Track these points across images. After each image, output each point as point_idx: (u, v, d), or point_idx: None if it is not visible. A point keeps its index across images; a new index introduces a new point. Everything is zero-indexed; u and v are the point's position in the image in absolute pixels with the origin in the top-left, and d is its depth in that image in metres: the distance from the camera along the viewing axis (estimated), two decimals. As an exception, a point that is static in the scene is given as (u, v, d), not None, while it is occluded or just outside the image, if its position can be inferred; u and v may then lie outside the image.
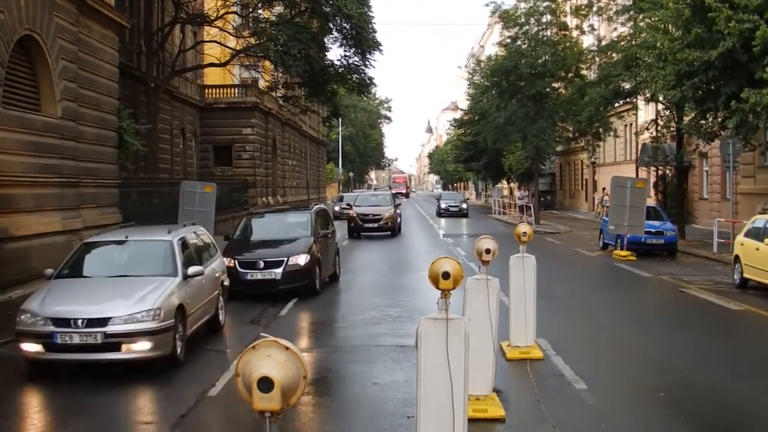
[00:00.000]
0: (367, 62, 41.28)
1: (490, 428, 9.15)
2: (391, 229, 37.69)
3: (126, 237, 13.90)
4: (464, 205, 60.73)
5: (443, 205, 60.31)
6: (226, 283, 15.66)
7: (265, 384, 4.01)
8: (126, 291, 11.96)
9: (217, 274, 14.96)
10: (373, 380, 11.23)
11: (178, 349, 11.91)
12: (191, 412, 9.93)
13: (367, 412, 9.85)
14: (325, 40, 40.90)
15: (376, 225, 37.43)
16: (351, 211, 38.34)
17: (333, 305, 18.60)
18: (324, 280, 20.13)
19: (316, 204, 23.78)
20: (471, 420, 7.49)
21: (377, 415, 9.66)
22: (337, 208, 56.48)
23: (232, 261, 18.11)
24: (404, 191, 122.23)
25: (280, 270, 18.29)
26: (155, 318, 11.35)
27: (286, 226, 20.99)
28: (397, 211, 39.65)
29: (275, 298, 18.12)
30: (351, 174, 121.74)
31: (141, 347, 11.28)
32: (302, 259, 18.55)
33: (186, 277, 12.72)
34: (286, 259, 18.43)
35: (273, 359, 4.08)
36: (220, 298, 14.94)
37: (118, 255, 13.64)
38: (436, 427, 6.49)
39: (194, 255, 13.95)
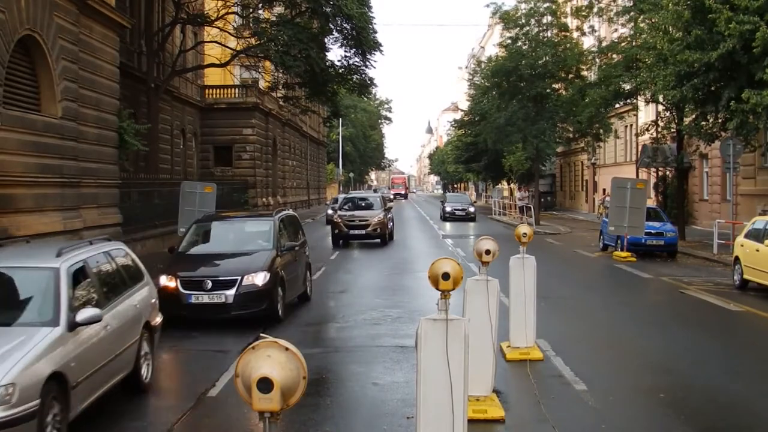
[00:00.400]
0: (367, 63, 41.30)
1: (490, 429, 9.15)
2: (381, 236, 33.84)
3: None
4: (471, 209, 56.22)
5: (448, 209, 55.64)
6: (157, 320, 11.66)
7: (265, 384, 4.02)
8: None
9: (135, 313, 10.70)
10: (372, 381, 11.24)
11: None
12: (191, 412, 9.93)
13: (367, 413, 9.85)
14: (326, 40, 40.91)
15: (363, 231, 33.43)
16: (335, 216, 34.46)
17: (333, 306, 18.60)
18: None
19: (283, 209, 20.07)
20: (471, 421, 7.50)
21: (377, 415, 9.66)
22: (330, 211, 56.17)
23: (174, 279, 15.20)
24: (403, 192, 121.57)
25: (232, 292, 15.03)
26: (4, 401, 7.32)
27: (244, 236, 17.62)
28: (389, 215, 35.78)
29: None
30: (351, 174, 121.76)
31: None
32: (260, 278, 15.26)
33: (73, 326, 8.68)
34: (240, 277, 15.17)
35: (273, 360, 4.08)
36: (144, 344, 10.84)
37: None
38: (435, 427, 6.49)
39: (97, 289, 9.87)
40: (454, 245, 33.56)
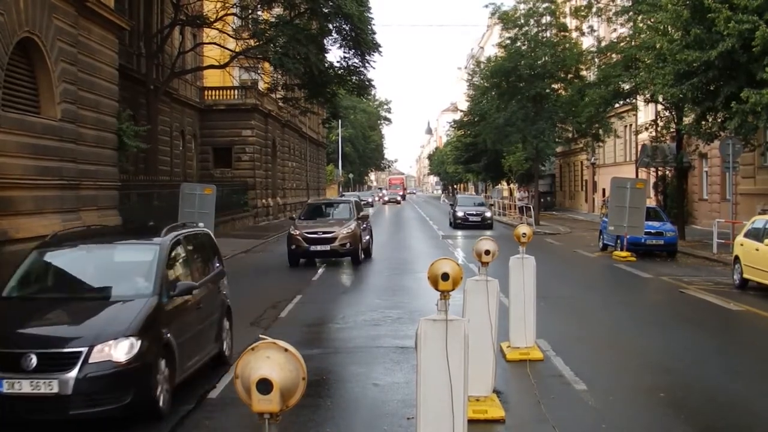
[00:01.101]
0: (366, 64, 41.35)
1: (490, 429, 9.15)
2: (352, 253, 26.11)
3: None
4: (488, 213, 47.57)
5: (460, 213, 46.27)
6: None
7: (264, 386, 4.01)
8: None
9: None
10: (373, 381, 11.24)
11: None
12: (191, 414, 9.93)
13: (367, 414, 9.85)
14: (325, 41, 40.95)
15: (327, 248, 25.62)
16: (294, 231, 26.15)
17: (333, 306, 18.59)
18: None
19: (186, 224, 13.15)
20: (471, 421, 7.50)
21: (377, 416, 9.67)
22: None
23: None
24: (401, 193, 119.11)
25: (70, 375, 8.73)
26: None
27: (109, 272, 10.99)
28: (364, 225, 27.68)
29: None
30: (351, 175, 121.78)
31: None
32: (122, 351, 8.95)
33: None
34: (86, 349, 8.86)
35: (272, 361, 4.08)
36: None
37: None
38: (435, 428, 6.49)
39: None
40: (453, 246, 33.57)
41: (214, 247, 13.04)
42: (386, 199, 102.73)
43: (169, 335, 9.77)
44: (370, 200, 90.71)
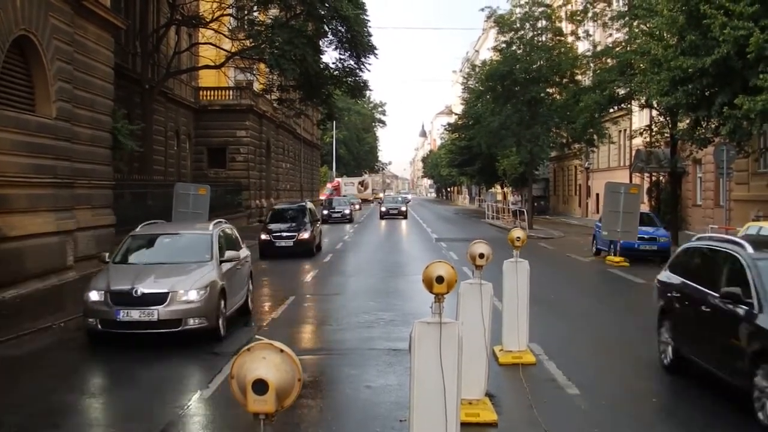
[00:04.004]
0: (362, 66, 41.40)
1: (483, 432, 9.15)
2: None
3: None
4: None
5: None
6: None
7: (260, 386, 4.02)
8: None
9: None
10: (365, 383, 11.25)
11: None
12: (184, 414, 9.93)
13: (360, 416, 9.86)
14: (321, 43, 40.96)
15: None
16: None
17: (326, 308, 18.59)
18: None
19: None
20: (463, 424, 7.51)
21: (369, 418, 9.67)
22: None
23: None
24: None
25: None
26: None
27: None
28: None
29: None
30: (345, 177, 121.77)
31: None
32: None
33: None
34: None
35: (268, 361, 4.09)
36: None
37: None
38: (428, 430, 6.50)
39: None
40: (446, 248, 33.58)
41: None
42: (383, 209, 64.65)
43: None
44: (346, 211, 59.85)
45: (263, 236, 30.96)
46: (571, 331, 15.83)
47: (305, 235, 30.93)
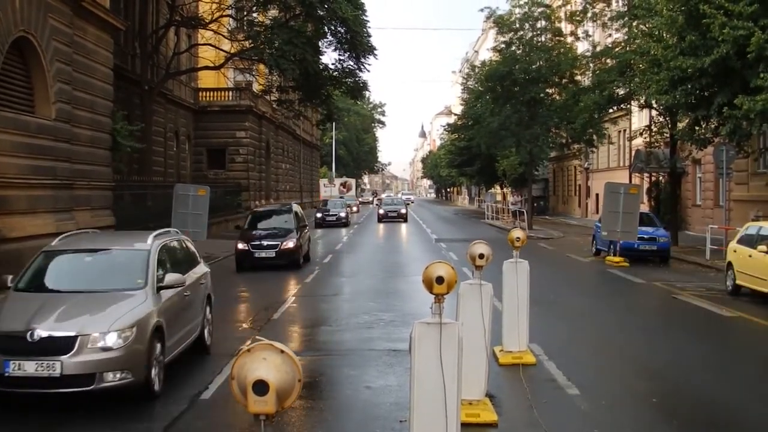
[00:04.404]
0: (361, 66, 41.35)
1: (483, 433, 9.15)
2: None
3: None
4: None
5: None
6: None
7: (261, 387, 4.02)
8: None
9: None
10: (365, 384, 11.25)
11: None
12: (184, 415, 9.92)
13: (360, 416, 9.85)
14: (320, 44, 40.92)
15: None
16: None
17: (326, 308, 18.58)
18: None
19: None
20: (464, 425, 7.50)
21: (370, 418, 9.66)
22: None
23: None
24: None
25: None
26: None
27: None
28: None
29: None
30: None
31: None
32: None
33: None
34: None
35: (268, 362, 4.08)
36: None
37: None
38: (428, 431, 6.49)
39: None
40: (446, 249, 33.58)
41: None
42: (382, 212, 62.20)
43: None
44: (342, 214, 55.47)
45: (240, 245, 26.44)
46: (571, 332, 15.82)
47: (290, 244, 26.43)
